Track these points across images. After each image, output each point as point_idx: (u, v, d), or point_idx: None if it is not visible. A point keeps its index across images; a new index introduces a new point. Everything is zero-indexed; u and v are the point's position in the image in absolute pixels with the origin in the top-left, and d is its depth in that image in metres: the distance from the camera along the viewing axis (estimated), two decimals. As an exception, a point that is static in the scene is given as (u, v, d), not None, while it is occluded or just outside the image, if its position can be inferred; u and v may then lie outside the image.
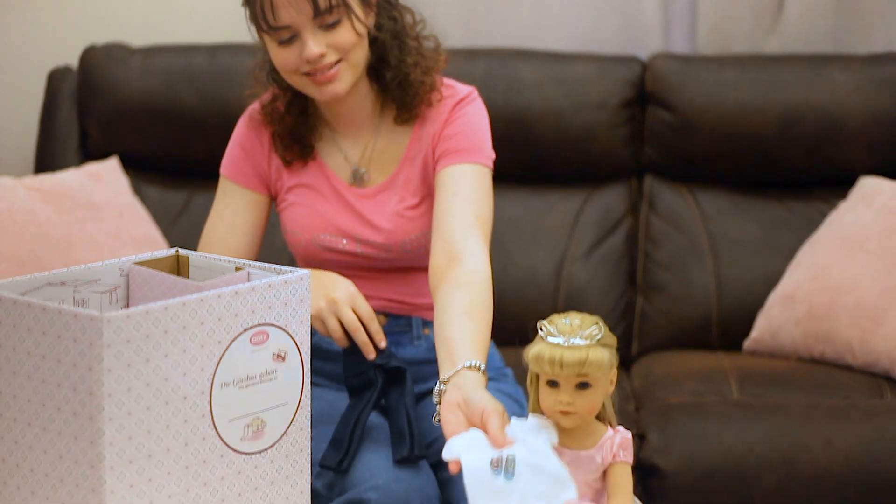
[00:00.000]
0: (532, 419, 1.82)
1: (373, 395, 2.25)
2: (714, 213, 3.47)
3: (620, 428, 1.83)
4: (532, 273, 3.41)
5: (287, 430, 1.89)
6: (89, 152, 3.54)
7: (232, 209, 2.49)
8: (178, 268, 2.02)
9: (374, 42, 2.41)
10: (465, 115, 2.44)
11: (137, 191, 3.47)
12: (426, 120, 2.45)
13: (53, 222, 3.15)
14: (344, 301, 2.25)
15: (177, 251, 2.03)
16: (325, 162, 2.48)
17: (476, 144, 2.41)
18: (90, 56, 3.52)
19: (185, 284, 1.93)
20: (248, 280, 1.91)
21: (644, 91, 3.49)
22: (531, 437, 1.80)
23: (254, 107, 2.52)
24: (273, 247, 3.32)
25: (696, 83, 3.45)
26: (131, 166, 3.49)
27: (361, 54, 2.37)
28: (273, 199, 2.53)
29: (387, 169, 2.47)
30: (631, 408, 3.05)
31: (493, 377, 2.54)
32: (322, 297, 2.25)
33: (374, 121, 2.48)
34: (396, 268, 2.48)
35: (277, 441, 1.88)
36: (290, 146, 2.47)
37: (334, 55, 2.33)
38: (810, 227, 3.39)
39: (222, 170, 2.51)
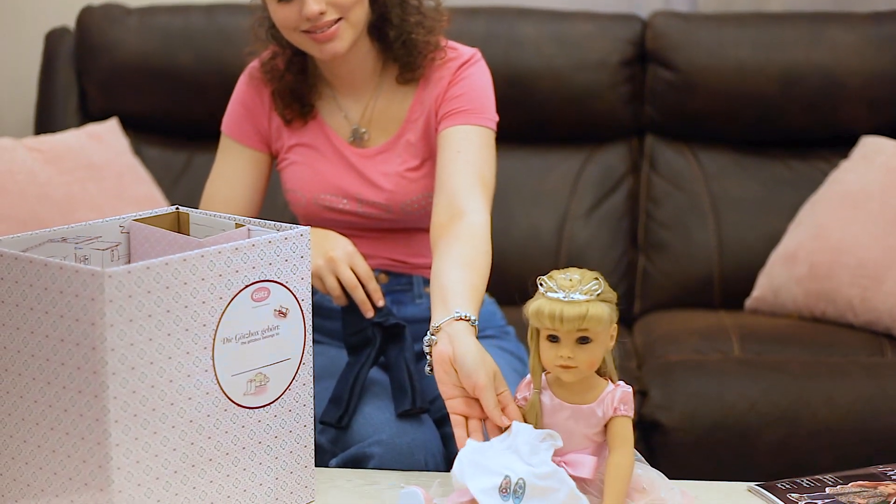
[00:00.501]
0: (535, 431, 1.82)
1: (371, 353, 2.26)
2: (715, 172, 3.47)
3: (621, 382, 1.84)
4: (533, 233, 3.41)
5: (290, 385, 1.90)
6: (89, 113, 3.54)
7: (233, 167, 2.49)
8: (179, 225, 2.02)
9: (374, 0, 2.41)
10: (469, 77, 2.43)
11: (137, 151, 3.47)
12: (429, 81, 2.44)
13: (54, 183, 3.15)
14: (342, 259, 2.26)
15: (177, 208, 2.03)
16: (326, 121, 2.48)
17: (480, 106, 2.40)
18: (87, 16, 3.52)
19: (185, 241, 1.94)
20: (249, 237, 1.92)
21: (644, 50, 3.48)
22: (534, 454, 1.80)
23: (254, 65, 2.51)
24: (275, 206, 3.33)
25: (697, 42, 3.44)
26: (131, 127, 3.49)
27: (362, 12, 2.36)
28: (274, 158, 2.53)
29: (388, 130, 2.47)
30: (633, 365, 3.06)
31: (495, 335, 2.55)
32: (320, 256, 2.26)
33: (374, 80, 2.47)
34: (397, 228, 2.48)
35: (280, 396, 1.89)
36: (290, 104, 2.47)
37: (334, 13, 2.32)
38: (812, 186, 3.39)
39: (223, 128, 2.51)
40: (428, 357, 2.02)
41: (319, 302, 2.49)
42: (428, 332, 2.03)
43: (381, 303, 2.28)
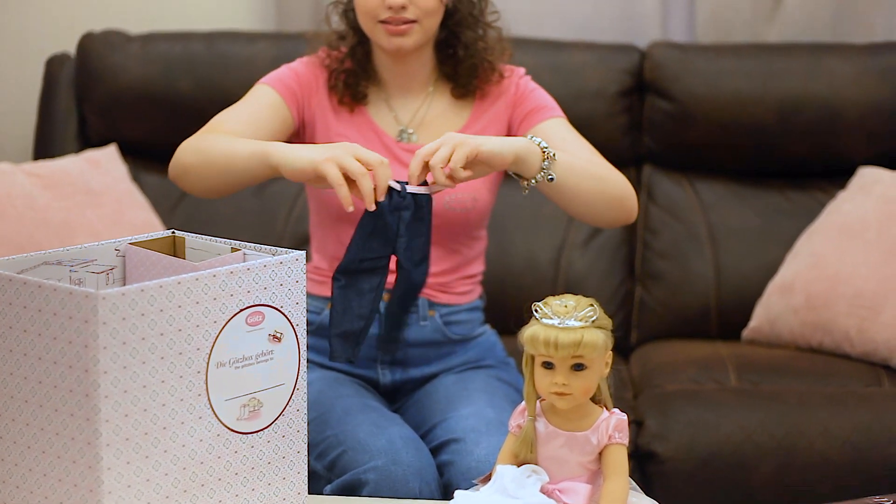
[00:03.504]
0: (519, 468, 1.82)
1: (380, 283, 2.17)
2: (713, 203, 3.47)
3: (616, 410, 1.84)
4: (531, 261, 3.41)
5: (283, 410, 1.89)
6: (88, 139, 3.54)
7: (256, 104, 2.49)
8: (175, 249, 2.02)
9: (449, 17, 2.51)
10: (535, 86, 2.59)
11: (136, 178, 3.47)
12: (487, 94, 2.55)
13: (52, 208, 3.15)
14: (346, 150, 2.14)
15: (173, 233, 2.03)
16: (374, 119, 2.53)
17: (554, 104, 2.57)
18: (88, 43, 3.52)
19: (180, 265, 1.94)
20: (244, 261, 1.92)
21: (642, 80, 3.49)
22: (523, 490, 1.80)
23: (315, 54, 2.57)
24: (273, 233, 3.33)
25: (695, 72, 3.45)
26: (130, 153, 3.49)
27: (435, 23, 2.47)
28: (302, 132, 2.53)
29: (439, 134, 2.50)
30: (629, 395, 3.05)
31: (494, 365, 2.56)
32: (318, 154, 2.16)
33: (427, 88, 2.56)
34: None
35: (274, 421, 1.88)
36: (345, 86, 2.52)
37: (413, 13, 2.42)
38: (809, 216, 3.38)
39: (261, 80, 2.54)
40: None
41: (323, 322, 2.49)
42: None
43: (387, 189, 2.13)
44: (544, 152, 2.25)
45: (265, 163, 2.22)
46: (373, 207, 2.11)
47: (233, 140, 2.34)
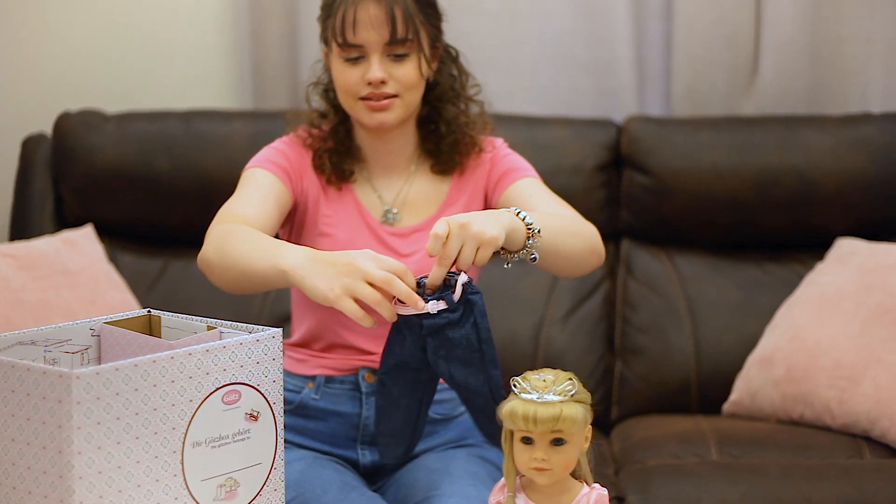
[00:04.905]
0: None
1: (421, 382, 2.11)
2: (691, 276, 3.47)
3: (596, 485, 1.83)
4: (510, 337, 3.40)
5: (261, 490, 1.88)
6: (64, 219, 3.53)
7: (259, 189, 2.44)
8: (151, 328, 2.01)
9: (430, 91, 2.52)
10: (510, 152, 2.60)
11: (112, 258, 3.45)
12: (465, 168, 2.55)
13: (28, 289, 3.14)
14: (356, 275, 2.03)
15: (148, 311, 2.02)
16: (360, 198, 2.53)
17: (529, 167, 2.57)
18: (64, 123, 3.52)
19: (156, 343, 1.93)
20: (220, 339, 1.91)
21: (619, 154, 3.50)
22: None
23: (295, 132, 2.56)
24: (251, 313, 3.31)
25: (672, 146, 3.46)
26: (106, 233, 3.48)
27: (416, 97, 2.48)
28: (294, 211, 2.52)
29: (421, 213, 2.52)
30: (610, 471, 3.03)
31: (477, 444, 2.54)
32: (330, 286, 2.05)
33: (409, 167, 2.55)
34: None
35: (251, 502, 1.87)
36: (332, 166, 2.51)
37: (393, 87, 2.43)
38: (788, 288, 3.38)
39: (249, 165, 2.51)
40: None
41: (304, 401, 2.48)
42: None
43: (420, 305, 2.02)
44: (529, 229, 2.16)
45: (286, 281, 2.10)
46: (394, 318, 2.03)
47: (250, 242, 2.22)
